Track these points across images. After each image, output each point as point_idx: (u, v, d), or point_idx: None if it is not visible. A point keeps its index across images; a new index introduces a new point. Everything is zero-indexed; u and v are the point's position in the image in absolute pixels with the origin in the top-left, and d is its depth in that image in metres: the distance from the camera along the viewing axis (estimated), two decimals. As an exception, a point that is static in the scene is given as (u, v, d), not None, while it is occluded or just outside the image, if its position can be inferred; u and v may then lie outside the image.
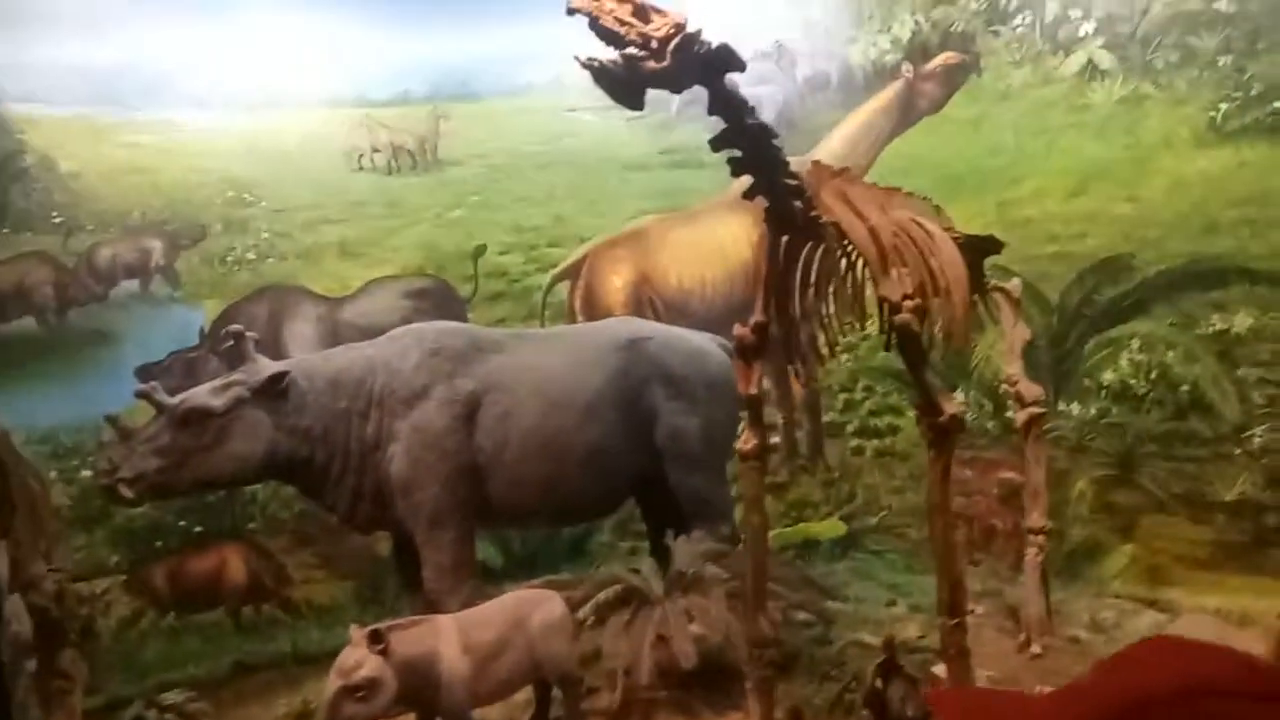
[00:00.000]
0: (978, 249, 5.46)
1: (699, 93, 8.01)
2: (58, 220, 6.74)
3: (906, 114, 7.50)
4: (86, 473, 6.59)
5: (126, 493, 5.47)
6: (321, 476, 5.89)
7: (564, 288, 7.89)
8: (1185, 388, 6.27)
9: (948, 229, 5.22)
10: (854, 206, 3.93)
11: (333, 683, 4.38)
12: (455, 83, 7.81)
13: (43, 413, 6.50)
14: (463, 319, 7.68)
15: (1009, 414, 7.09)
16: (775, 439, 8.16)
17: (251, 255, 7.23)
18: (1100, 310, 6.64)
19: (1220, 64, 6.12)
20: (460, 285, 7.68)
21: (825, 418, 7.95)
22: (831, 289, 4.03)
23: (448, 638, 4.67)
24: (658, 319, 7.88)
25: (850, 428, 7.83)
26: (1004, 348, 5.60)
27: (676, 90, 3.40)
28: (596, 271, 7.89)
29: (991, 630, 5.74)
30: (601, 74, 2.97)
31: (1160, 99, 6.37)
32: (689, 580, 5.35)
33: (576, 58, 2.97)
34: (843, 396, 7.83)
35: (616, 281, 7.91)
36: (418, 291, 7.57)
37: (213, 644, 6.92)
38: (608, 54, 3.08)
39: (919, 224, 4.27)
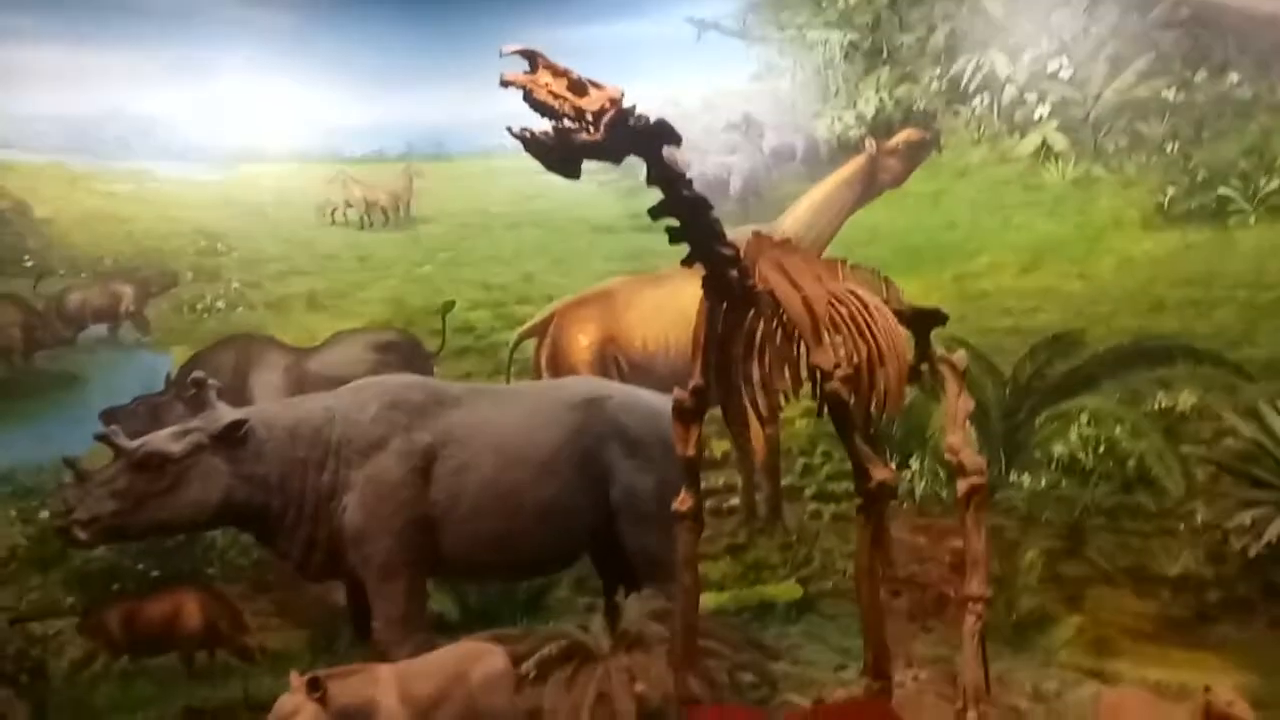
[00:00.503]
0: (924, 320, 5.64)
1: (671, 159, 8.18)
2: (29, 264, 6.85)
3: (869, 187, 7.70)
4: (45, 514, 6.61)
5: (80, 535, 5.47)
6: (276, 524, 5.90)
7: (530, 345, 7.99)
8: (1132, 462, 6.39)
9: (893, 301, 5.41)
10: (790, 276, 4.06)
11: (268, 729, 4.40)
12: (429, 142, 8.00)
13: (3, 453, 6.53)
14: (429, 373, 7.77)
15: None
16: (734, 501, 8.36)
17: (221, 304, 7.34)
18: (1051, 384, 6.77)
19: (1167, 150, 6.34)
20: (428, 340, 7.78)
21: (784, 481, 8.02)
22: (767, 356, 4.12)
23: (386, 688, 4.68)
24: (622, 379, 7.98)
25: (808, 491, 7.91)
26: (947, 418, 5.69)
27: (613, 161, 3.53)
28: (563, 330, 8.01)
29: (933, 696, 5.76)
30: (532, 144, 3.10)
31: (1110, 181, 6.58)
32: (633, 638, 5.38)
33: (509, 129, 3.09)
34: (801, 460, 7.92)
35: (582, 340, 8.02)
36: (385, 345, 7.66)
37: (165, 689, 6.88)
38: (542, 125, 3.21)
39: (855, 295, 4.41)
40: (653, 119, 3.47)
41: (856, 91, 7.69)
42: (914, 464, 7.46)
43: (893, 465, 7.55)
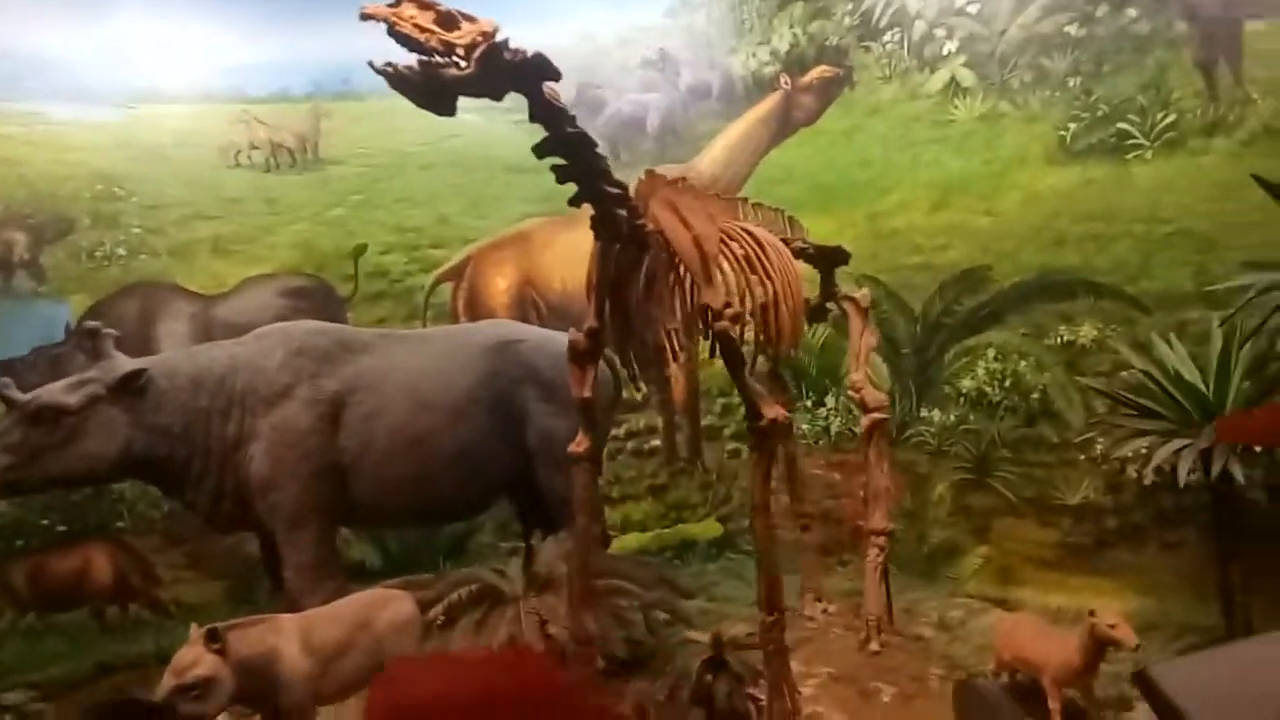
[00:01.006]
0: (828, 258, 5.67)
1: (585, 98, 8.06)
2: (-84, 212, 6.58)
3: (784, 125, 7.67)
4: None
5: (-27, 488, 5.35)
6: (182, 475, 5.82)
7: (447, 289, 7.89)
8: (1036, 395, 6.51)
9: (797, 240, 5.41)
10: (681, 215, 4.02)
11: (166, 682, 4.34)
12: (337, 80, 7.78)
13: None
14: (342, 319, 7.65)
15: (876, 418, 7.32)
16: (655, 442, 8.39)
17: (122, 251, 7.12)
18: (960, 320, 6.86)
19: (1070, 85, 6.38)
20: (340, 285, 7.65)
21: (704, 421, 8.07)
22: (657, 295, 4.09)
23: (289, 637, 4.65)
24: (541, 321, 7.94)
25: (727, 431, 7.96)
26: (850, 355, 5.74)
27: (492, 97, 3.43)
28: (480, 273, 7.92)
29: (840, 628, 5.90)
30: (396, 80, 3.01)
31: (1016, 117, 6.61)
32: (544, 581, 5.41)
33: (370, 63, 2.99)
34: (720, 401, 7.96)
35: (500, 283, 7.95)
36: (295, 290, 7.51)
37: (76, 645, 6.78)
38: (409, 59, 3.11)
39: (749, 233, 4.40)
40: (530, 53, 3.38)
41: (771, 27, 7.61)
42: (829, 401, 7.54)
43: (805, 403, 7.66)
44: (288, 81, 7.69)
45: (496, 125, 8.15)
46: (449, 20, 3.13)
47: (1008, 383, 6.61)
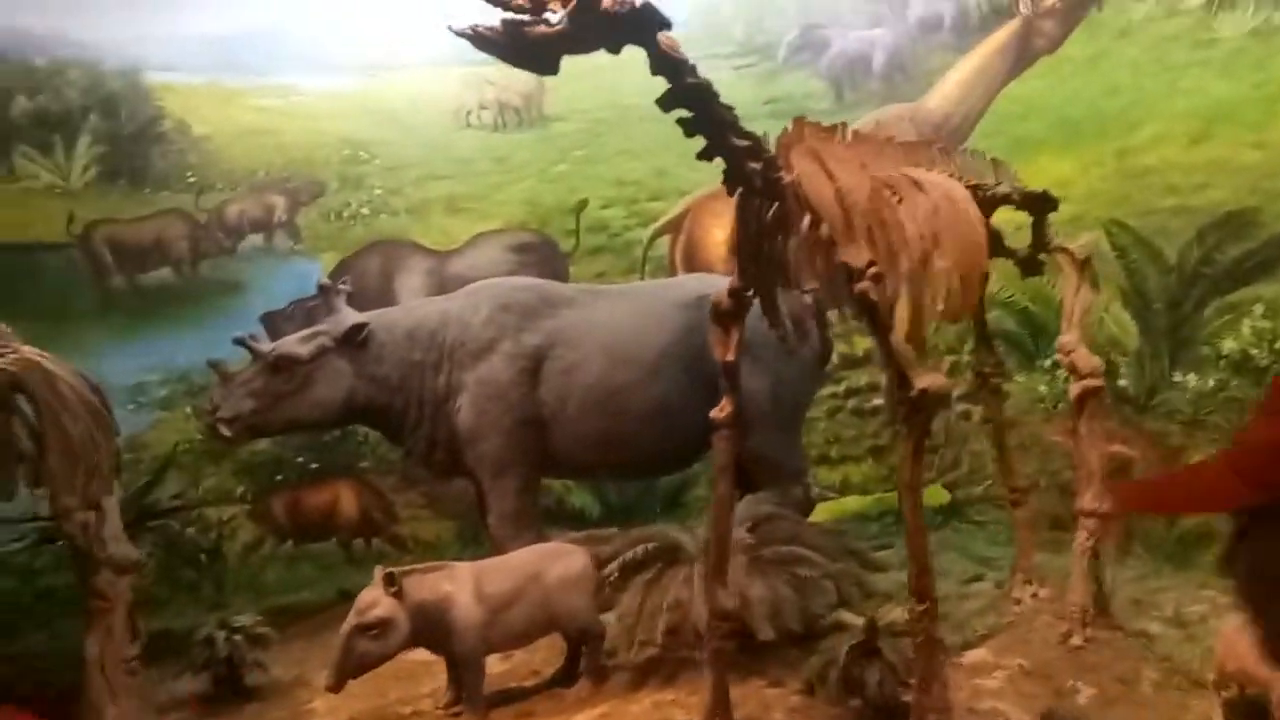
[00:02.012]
0: (1036, 205, 5.06)
1: (810, 39, 7.68)
2: (191, 180, 7.39)
3: (1023, 55, 6.96)
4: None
5: (225, 431, 5.99)
6: (399, 423, 6.23)
7: (665, 242, 7.86)
8: (1314, 360, 5.55)
9: (1004, 186, 4.86)
10: (825, 166, 3.71)
11: (349, 620, 4.68)
12: (560, 37, 7.86)
13: (179, 355, 7.16)
14: (564, 273, 7.83)
15: (1121, 382, 6.55)
16: (878, 400, 7.98)
17: (365, 211, 7.65)
18: (1222, 271, 5.97)
19: (1362, -12, 5.29)
20: (563, 240, 7.82)
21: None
22: (796, 252, 3.81)
23: (463, 585, 4.87)
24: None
25: (957, 391, 7.39)
26: (1064, 312, 5.12)
27: (604, 48, 3.31)
28: (698, 225, 7.82)
29: (1050, 615, 5.34)
30: (479, 41, 2.96)
31: (1294, 30, 5.58)
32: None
33: (449, 27, 2.95)
34: (949, 359, 7.40)
35: (718, 235, 7.80)
36: (521, 246, 7.76)
37: (326, 572, 7.48)
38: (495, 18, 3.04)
39: (916, 182, 3.98)
40: (636, 2, 3.21)
41: (1010, -54, 6.87)
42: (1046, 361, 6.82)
43: (1044, 363, 6.96)
44: (514, 42, 7.87)
45: (719, 74, 7.88)
46: (541, -25, 3.02)
47: (1278, 344, 5.67)
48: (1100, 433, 5.00)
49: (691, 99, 3.54)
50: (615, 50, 3.43)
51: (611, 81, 7.96)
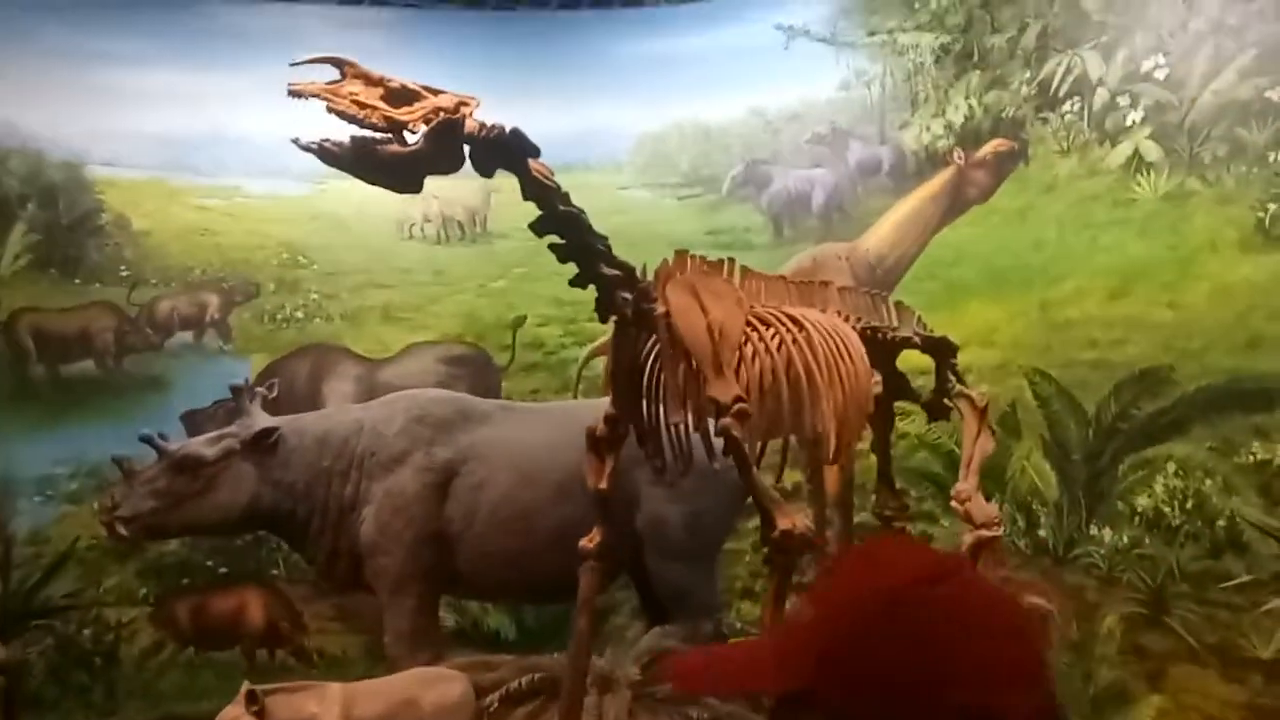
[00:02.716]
0: (938, 349, 5.08)
1: (753, 174, 7.83)
2: (125, 274, 7.40)
3: (956, 202, 7.10)
4: (125, 508, 7.04)
5: (122, 530, 5.81)
6: (303, 531, 6.07)
7: (601, 363, 7.84)
8: (1222, 523, 5.50)
9: (904, 329, 4.88)
10: (700, 299, 3.71)
11: (205, 739, 4.47)
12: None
13: (93, 448, 7.02)
14: (497, 388, 7.79)
15: (1042, 532, 6.48)
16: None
17: (300, 315, 7.65)
18: (1137, 427, 5.97)
19: (1271, 159, 5.42)
20: (498, 354, 7.80)
21: (857, 518, 7.46)
22: (665, 386, 3.78)
23: (330, 707, 4.66)
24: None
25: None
26: (962, 460, 5.08)
27: (479, 172, 3.36)
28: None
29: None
30: (325, 155, 2.97)
31: (1207, 196, 5.72)
32: (604, 679, 5.12)
33: (295, 140, 2.97)
34: (875, 496, 7.32)
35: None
36: (455, 358, 7.74)
37: (226, 682, 7.16)
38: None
39: (795, 320, 3.99)
40: (505, 129, 3.26)
41: (946, 99, 7.08)
42: (993, 508, 6.73)
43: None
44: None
45: (662, 203, 8.12)
46: (400, 95, 3.07)
47: (1189, 504, 5.64)
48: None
49: (562, 227, 3.57)
50: (487, 174, 3.48)
51: (556, 202, 8.10)
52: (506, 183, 8.32)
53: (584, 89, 7.99)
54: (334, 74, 3.14)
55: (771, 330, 3.91)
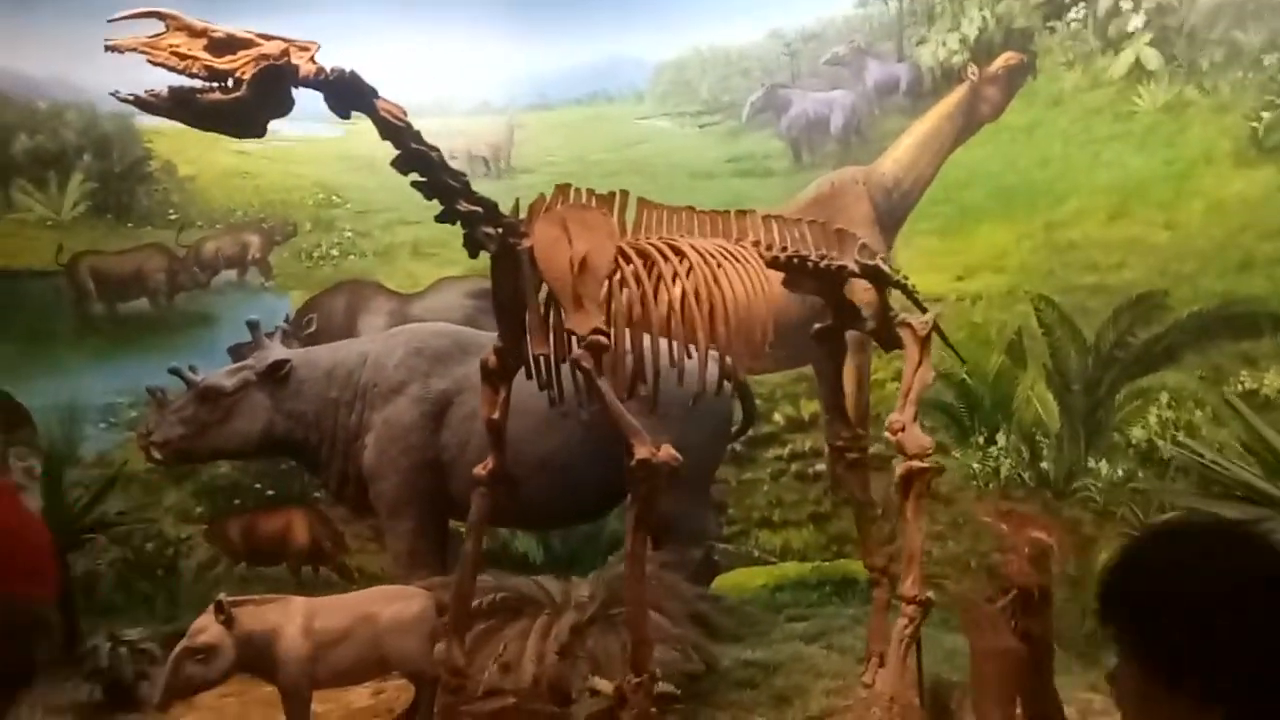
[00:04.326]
0: (876, 277, 4.93)
1: (772, 100, 7.73)
2: (173, 217, 7.89)
3: (969, 120, 6.80)
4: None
5: (155, 454, 6.37)
6: (315, 457, 6.49)
7: (621, 295, 7.92)
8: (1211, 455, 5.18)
9: (846, 255, 4.76)
10: (568, 231, 3.75)
11: (180, 644, 4.90)
12: (532, 93, 8.09)
13: (151, 379, 7.58)
14: (523, 321, 7.96)
15: (1044, 465, 6.26)
16: (821, 466, 7.79)
17: (335, 252, 8.00)
18: (1133, 355, 5.68)
19: (1265, 63, 4.96)
20: (523, 288, 7.96)
21: (873, 449, 7.34)
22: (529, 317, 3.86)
23: (292, 619, 5.01)
24: (718, 330, 7.74)
25: (896, 462, 7.16)
26: (901, 389, 4.95)
27: (336, 114, 3.49)
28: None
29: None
30: (145, 106, 3.13)
31: (1203, 106, 5.32)
32: (560, 602, 5.31)
33: (114, 93, 3.14)
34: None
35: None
36: (480, 292, 7.93)
37: (274, 594, 7.74)
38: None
39: (676, 249, 3.98)
40: (346, 71, 3.39)
41: (961, 11, 6.72)
42: (1000, 439, 6.53)
43: (977, 439, 6.67)
44: (487, 95, 8.13)
45: (683, 131, 8.04)
46: (225, 45, 3.20)
47: (1181, 436, 5.33)
48: (921, 514, 4.80)
49: (418, 165, 3.66)
50: (342, 115, 3.61)
51: (578, 137, 8.15)
52: (530, 118, 8.45)
53: (602, 20, 7.93)
54: (160, 27, 3.28)
55: (648, 262, 3.92)
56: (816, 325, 5.18)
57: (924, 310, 5.08)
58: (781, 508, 7.60)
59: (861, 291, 5.04)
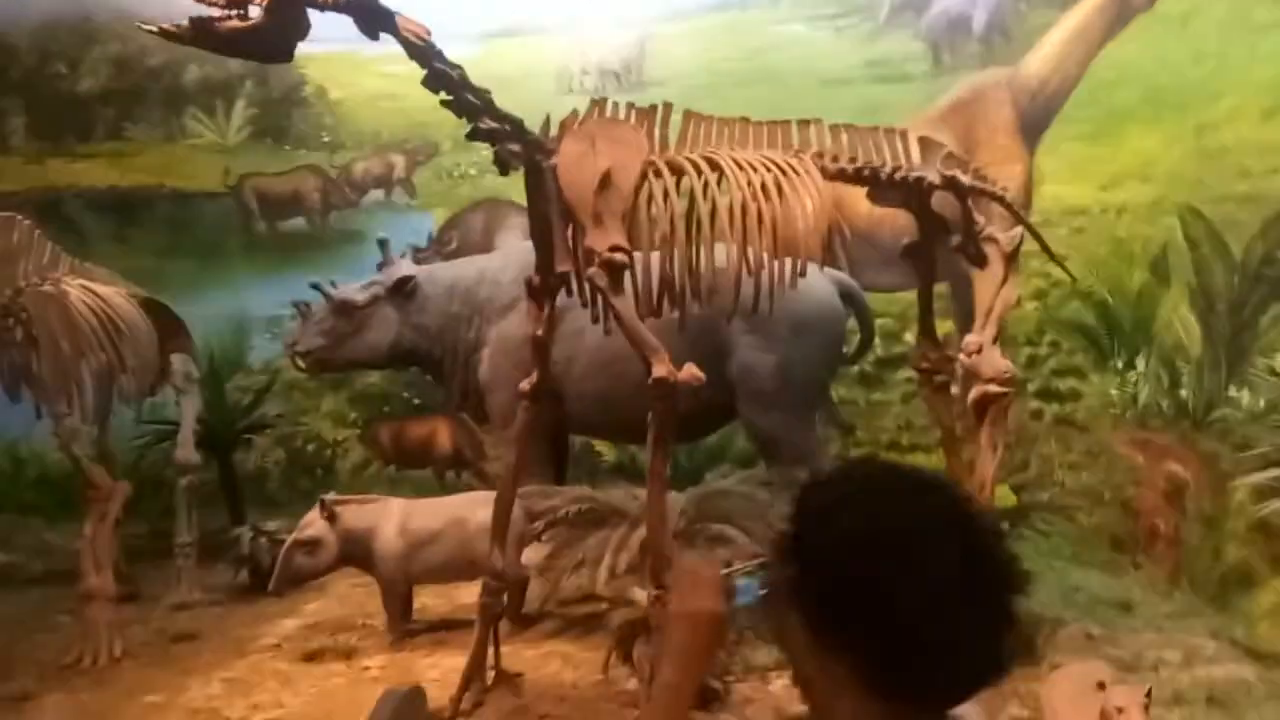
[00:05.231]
0: (957, 189, 4.59)
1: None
2: (326, 140, 8.33)
3: (1121, 11, 6.13)
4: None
5: (299, 363, 6.88)
6: (438, 369, 6.83)
7: (753, 209, 7.76)
8: (1360, 387, 4.59)
9: (929, 167, 4.46)
10: (595, 146, 3.71)
11: (290, 536, 5.34)
12: (665, 3, 7.94)
13: (310, 293, 8.15)
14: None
15: (1183, 392, 5.74)
16: (955, 389, 7.41)
17: (473, 171, 8.23)
18: (1280, 273, 5.04)
19: None
20: (654, 203, 7.94)
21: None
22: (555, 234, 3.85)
23: (389, 518, 5.38)
24: (844, 248, 7.47)
25: (1031, 386, 6.75)
26: (979, 307, 4.62)
27: (366, 35, 3.56)
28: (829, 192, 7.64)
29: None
30: (170, 36, 3.29)
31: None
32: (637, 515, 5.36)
33: (139, 25, 3.32)
34: (1027, 350, 6.77)
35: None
36: (611, 208, 7.99)
37: (421, 496, 8.25)
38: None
39: (711, 162, 3.86)
40: (359, -1, 3.45)
41: (1115, -114, 6.04)
42: (1139, 364, 6.00)
43: (1115, 363, 6.14)
44: (620, 8, 8.05)
45: (819, 35, 7.68)
46: (251, -24, 3.31)
47: (1328, 363, 4.74)
48: (998, 443, 4.50)
49: (441, 84, 3.70)
50: (371, 36, 3.68)
51: (709, 45, 7.94)
52: (663, 29, 8.32)
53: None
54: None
55: (681, 177, 3.82)
56: (904, 240, 4.91)
57: (1023, 222, 4.72)
58: (911, 431, 7.33)
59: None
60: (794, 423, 6.23)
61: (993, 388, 4.45)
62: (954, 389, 4.62)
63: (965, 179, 4.44)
